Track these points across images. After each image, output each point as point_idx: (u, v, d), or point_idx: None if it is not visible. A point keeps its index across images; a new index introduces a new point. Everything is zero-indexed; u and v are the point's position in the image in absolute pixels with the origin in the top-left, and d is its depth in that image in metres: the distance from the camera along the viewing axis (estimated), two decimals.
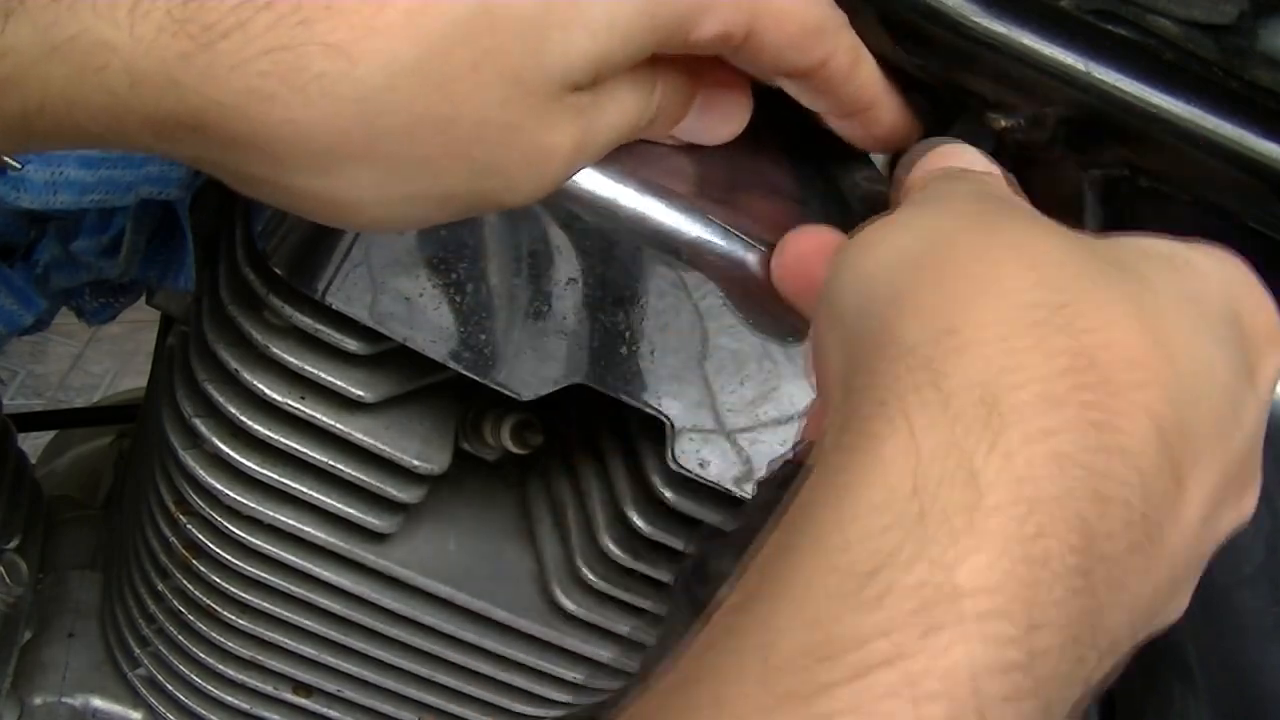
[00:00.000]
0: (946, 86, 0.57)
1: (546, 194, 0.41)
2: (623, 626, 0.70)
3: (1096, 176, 0.57)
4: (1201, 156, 0.55)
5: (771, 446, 0.62)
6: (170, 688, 0.79)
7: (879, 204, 0.62)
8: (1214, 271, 0.37)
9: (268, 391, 0.61)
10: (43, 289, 0.73)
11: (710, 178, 0.60)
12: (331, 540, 0.66)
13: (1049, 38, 0.55)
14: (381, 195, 0.37)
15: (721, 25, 0.42)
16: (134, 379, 2.34)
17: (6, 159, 0.50)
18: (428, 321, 0.57)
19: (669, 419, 0.60)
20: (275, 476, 0.63)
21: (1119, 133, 0.55)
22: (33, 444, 1.00)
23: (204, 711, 0.78)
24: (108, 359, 2.55)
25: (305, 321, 0.59)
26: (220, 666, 0.75)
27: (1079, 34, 0.55)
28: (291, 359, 0.60)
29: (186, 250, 0.65)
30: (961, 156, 0.47)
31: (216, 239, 0.65)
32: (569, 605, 0.69)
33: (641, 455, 0.65)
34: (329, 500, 0.64)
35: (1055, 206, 0.60)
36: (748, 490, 0.63)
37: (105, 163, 0.61)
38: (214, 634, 0.71)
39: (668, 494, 0.64)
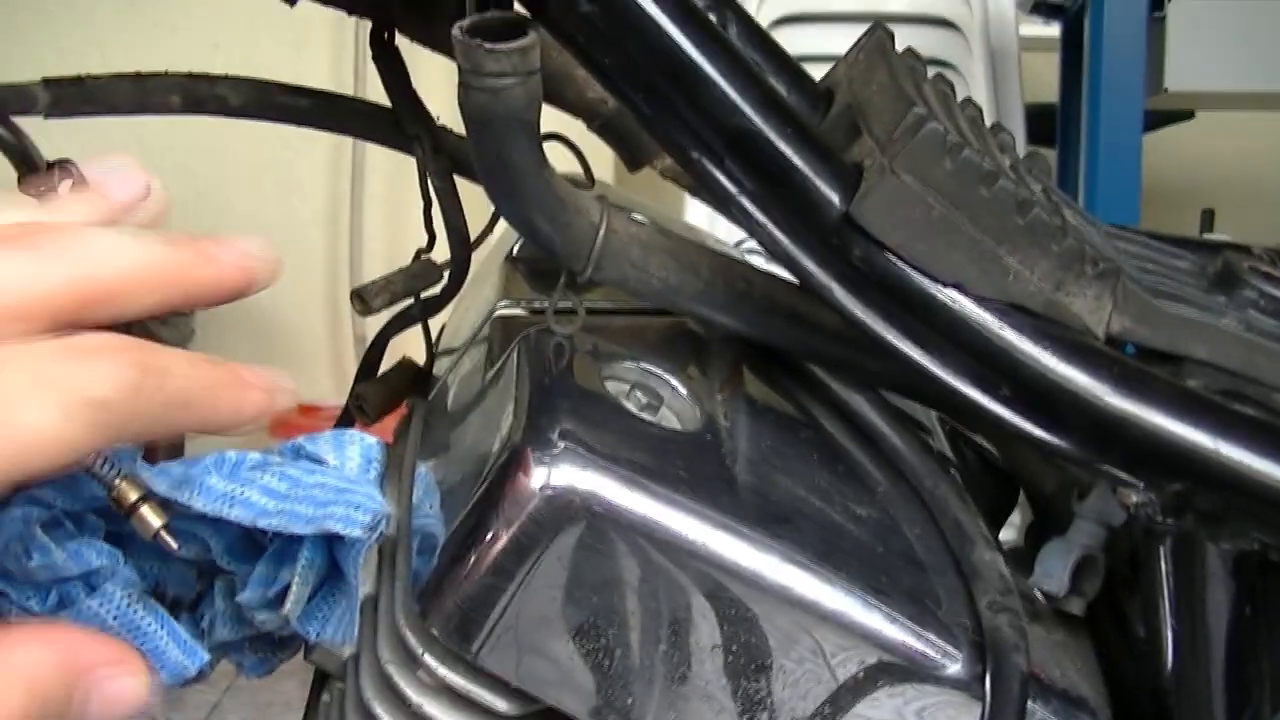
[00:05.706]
0: (1080, 463, 0.59)
1: None
2: None
3: (1227, 550, 0.57)
4: None
5: None
6: None
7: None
8: None
9: None
10: (206, 641, 0.75)
11: (853, 551, 0.62)
12: None
13: (1178, 416, 0.56)
14: None
15: None
16: None
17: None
18: (575, 684, 0.59)
19: None
20: None
21: (1248, 508, 0.56)
22: None
23: None
24: (245, 709, 2.57)
25: (458, 682, 0.61)
26: None
27: (1207, 413, 0.56)
28: (444, 719, 0.61)
29: (352, 601, 0.67)
30: None
31: (376, 598, 0.68)
32: None
33: None
34: None
35: (1186, 579, 0.60)
36: None
37: (289, 498, 0.64)
38: None
39: None
